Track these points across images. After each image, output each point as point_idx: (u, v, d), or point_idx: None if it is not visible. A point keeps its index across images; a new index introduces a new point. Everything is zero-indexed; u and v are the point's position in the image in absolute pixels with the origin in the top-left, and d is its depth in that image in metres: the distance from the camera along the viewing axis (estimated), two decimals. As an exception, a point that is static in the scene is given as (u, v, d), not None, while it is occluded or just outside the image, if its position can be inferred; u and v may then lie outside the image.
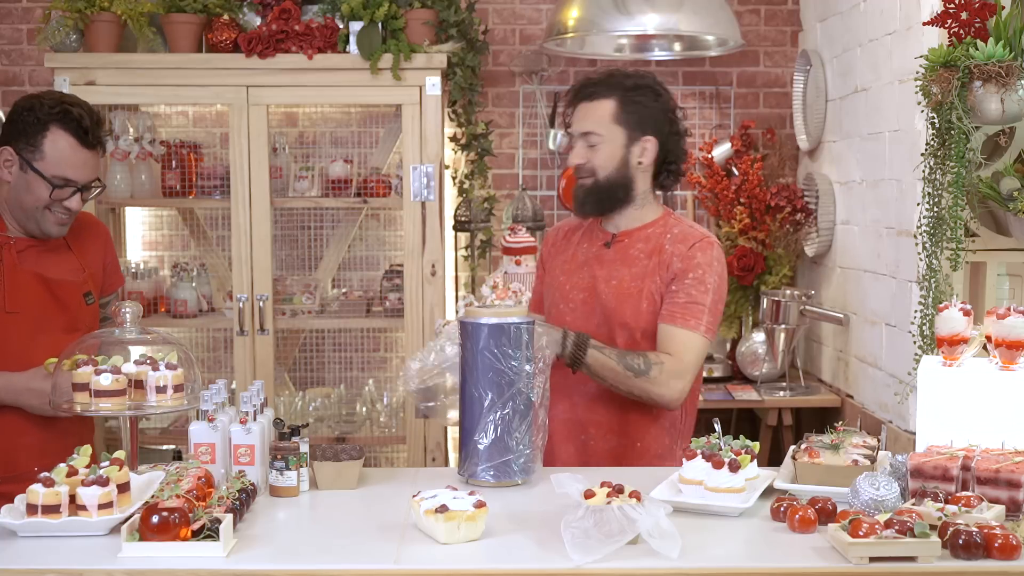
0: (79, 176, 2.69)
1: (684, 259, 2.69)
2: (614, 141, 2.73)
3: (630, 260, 2.75)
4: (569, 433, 2.75)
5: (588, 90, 2.76)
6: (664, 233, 2.77)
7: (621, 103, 2.73)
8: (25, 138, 2.67)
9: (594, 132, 2.73)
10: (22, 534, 2.03)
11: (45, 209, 2.67)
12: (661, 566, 1.90)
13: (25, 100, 2.72)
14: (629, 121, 2.73)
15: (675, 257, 2.71)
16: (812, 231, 4.34)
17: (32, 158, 2.66)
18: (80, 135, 2.67)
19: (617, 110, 2.72)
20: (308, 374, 4.50)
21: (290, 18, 3.99)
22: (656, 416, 2.73)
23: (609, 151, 2.73)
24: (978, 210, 3.17)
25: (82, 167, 2.69)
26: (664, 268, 2.71)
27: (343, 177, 4.21)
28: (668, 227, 2.79)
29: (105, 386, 2.31)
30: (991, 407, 2.29)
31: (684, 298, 2.66)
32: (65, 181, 2.67)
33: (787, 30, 4.71)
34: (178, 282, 4.24)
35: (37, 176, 2.65)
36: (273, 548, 2.02)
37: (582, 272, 2.79)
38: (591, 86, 2.77)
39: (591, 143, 2.73)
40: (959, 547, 1.90)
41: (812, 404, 4.18)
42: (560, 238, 2.92)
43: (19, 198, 2.68)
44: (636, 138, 2.74)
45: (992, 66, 2.84)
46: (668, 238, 2.75)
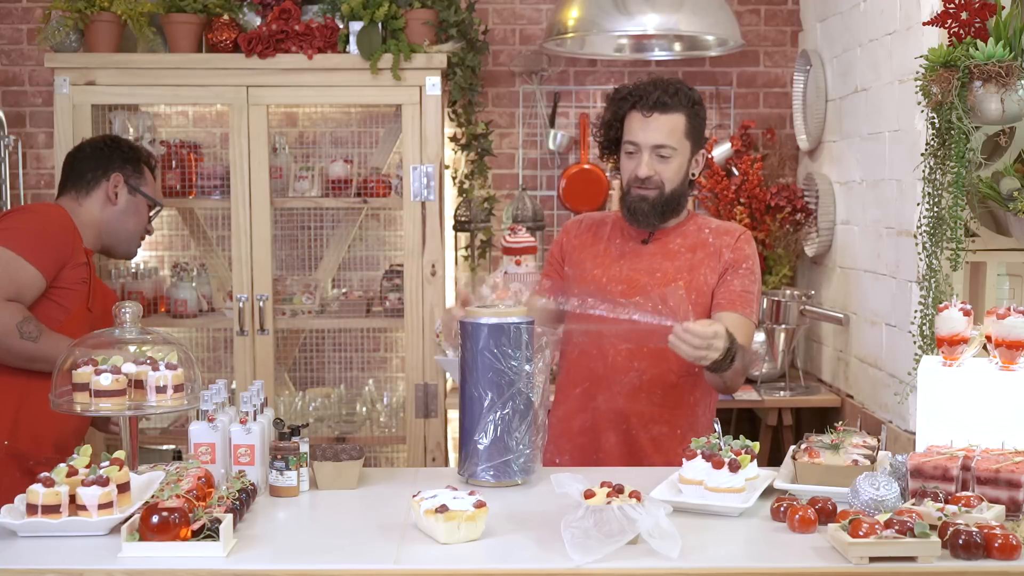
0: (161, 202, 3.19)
1: (734, 250, 2.80)
2: (684, 155, 2.79)
3: (671, 254, 2.81)
4: (611, 423, 2.78)
5: (663, 101, 2.75)
6: (700, 229, 2.85)
7: (689, 117, 2.79)
8: (131, 167, 3.07)
9: (668, 145, 2.76)
10: (22, 534, 2.04)
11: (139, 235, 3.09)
12: (661, 566, 1.90)
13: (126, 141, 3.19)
14: (695, 135, 2.81)
15: (724, 248, 2.80)
16: (812, 231, 4.33)
17: (139, 183, 3.07)
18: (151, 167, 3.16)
19: (687, 124, 2.78)
20: (308, 374, 4.50)
21: (290, 18, 3.99)
22: (694, 404, 2.81)
23: (679, 164, 2.78)
24: (978, 210, 3.17)
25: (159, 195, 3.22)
26: (715, 259, 2.79)
27: (343, 177, 4.20)
28: (701, 223, 2.87)
29: (105, 386, 2.31)
30: (991, 407, 2.29)
31: (739, 287, 2.76)
32: (159, 206, 3.15)
33: (787, 30, 4.71)
34: (178, 282, 4.24)
35: (144, 200, 3.08)
36: (273, 548, 2.03)
37: (619, 265, 2.82)
38: (665, 98, 2.76)
39: (663, 155, 2.76)
40: (959, 547, 1.90)
41: (812, 404, 4.18)
42: (585, 230, 2.92)
43: (120, 221, 3.05)
44: (696, 151, 2.83)
45: (992, 66, 2.84)
46: (708, 232, 2.84)
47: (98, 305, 2.93)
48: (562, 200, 4.66)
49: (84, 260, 2.91)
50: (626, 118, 2.80)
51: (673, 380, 2.78)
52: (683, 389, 2.79)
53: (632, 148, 2.77)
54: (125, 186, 3.04)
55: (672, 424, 2.78)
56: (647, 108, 2.75)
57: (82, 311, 2.89)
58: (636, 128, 2.76)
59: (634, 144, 2.77)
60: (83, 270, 2.89)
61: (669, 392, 2.77)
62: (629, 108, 2.78)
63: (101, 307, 2.93)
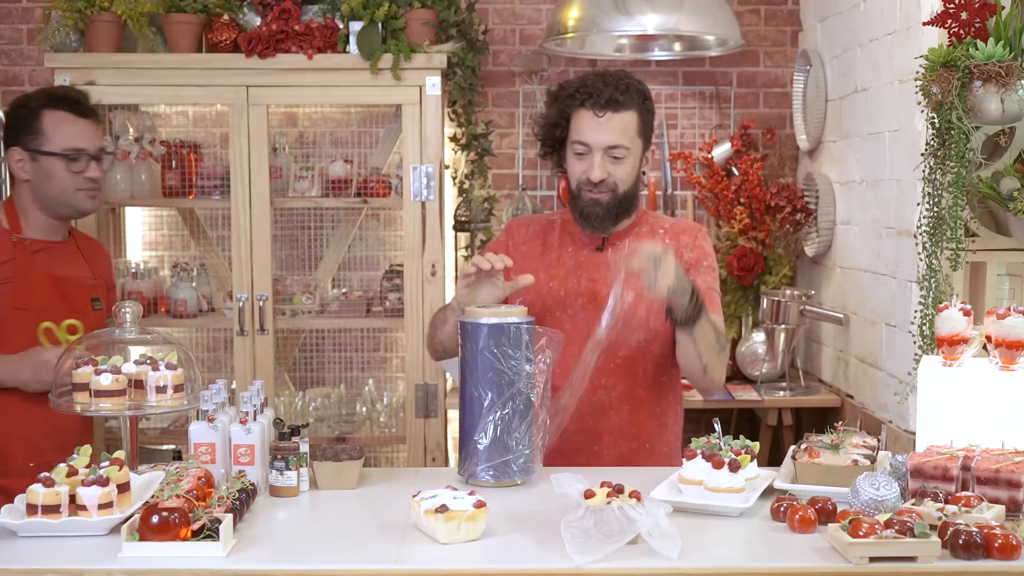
0: (87, 143, 2.83)
1: (693, 249, 2.70)
2: (636, 154, 2.64)
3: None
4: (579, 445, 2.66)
5: (614, 100, 2.58)
6: (654, 230, 2.73)
7: (641, 114, 2.63)
8: (25, 131, 2.81)
9: (622, 145, 2.60)
10: (22, 534, 2.03)
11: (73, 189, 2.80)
12: (661, 566, 1.90)
13: (13, 101, 2.90)
14: (646, 132, 2.66)
15: (684, 249, 2.69)
16: (812, 231, 4.34)
17: (38, 144, 2.80)
18: (72, 107, 2.83)
19: (639, 122, 2.62)
20: (308, 374, 4.50)
21: (290, 18, 3.99)
22: (661, 414, 2.72)
23: (632, 164, 2.63)
24: (978, 210, 3.17)
25: (86, 135, 2.84)
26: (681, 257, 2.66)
27: (343, 177, 4.20)
28: (654, 223, 2.76)
29: (105, 386, 2.31)
30: (991, 407, 2.29)
31: (703, 285, 2.62)
32: (76, 151, 2.80)
33: (787, 30, 4.71)
34: (178, 282, 4.24)
35: (49, 157, 2.79)
36: (273, 548, 2.02)
37: (576, 277, 2.69)
38: (617, 95, 2.59)
39: (616, 156, 2.60)
40: (959, 547, 1.90)
41: (812, 404, 4.18)
42: (533, 237, 2.77)
43: (43, 189, 2.82)
44: (647, 148, 2.69)
45: (992, 66, 2.84)
46: (663, 232, 2.73)
47: (36, 299, 2.77)
48: (562, 200, 4.65)
49: (8, 258, 2.76)
50: (573, 116, 2.61)
51: (641, 394, 2.68)
52: (650, 401, 2.69)
53: (582, 149, 2.60)
54: (27, 155, 2.81)
55: (640, 439, 2.69)
56: (599, 107, 2.57)
57: (10, 312, 2.74)
58: (586, 128, 2.58)
59: (584, 145, 2.59)
60: (5, 270, 2.74)
61: (637, 406, 2.67)
62: (578, 106, 2.60)
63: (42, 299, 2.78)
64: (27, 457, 2.71)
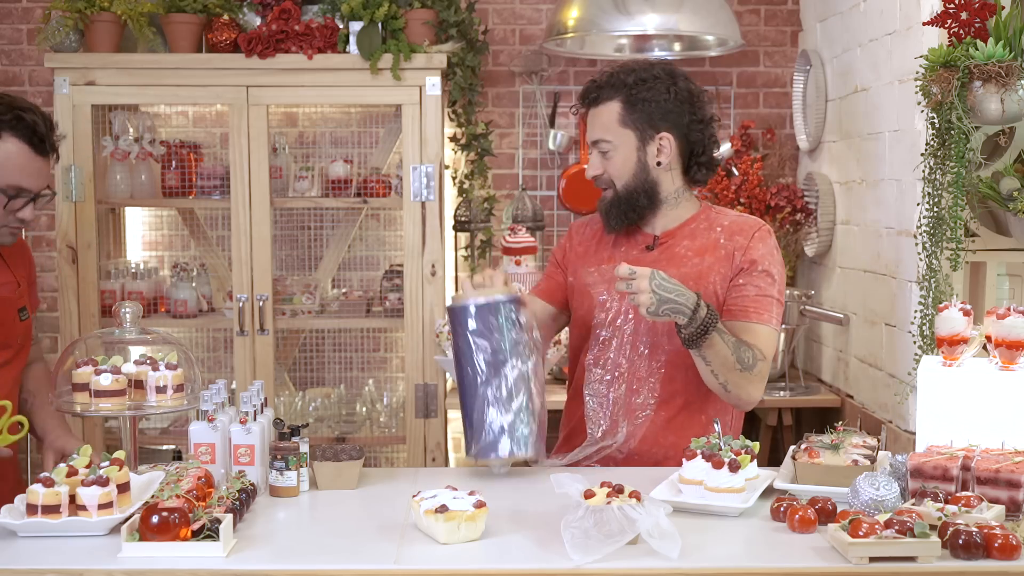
0: (32, 184, 2.57)
1: (746, 251, 2.55)
2: (626, 145, 2.57)
3: (678, 260, 2.59)
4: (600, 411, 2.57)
5: (592, 95, 2.60)
6: (711, 227, 2.61)
7: (626, 103, 2.55)
8: None
9: (603, 139, 2.57)
10: (22, 534, 2.03)
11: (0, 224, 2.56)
12: (661, 566, 1.90)
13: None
14: (638, 120, 2.55)
15: (736, 251, 2.55)
16: (812, 231, 4.34)
17: None
18: (35, 143, 2.55)
19: (623, 111, 2.56)
20: (308, 374, 4.50)
21: (290, 18, 3.99)
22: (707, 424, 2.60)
23: (623, 158, 2.57)
24: (978, 210, 3.17)
25: (36, 175, 2.57)
26: (726, 263, 2.55)
27: (343, 177, 4.20)
28: (713, 220, 2.62)
29: (105, 386, 2.31)
30: (991, 407, 2.29)
31: (754, 291, 2.52)
32: (18, 191, 2.55)
33: (787, 30, 4.71)
34: (178, 282, 4.23)
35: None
36: (273, 548, 2.02)
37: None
38: (594, 90, 2.60)
39: (603, 150, 2.58)
40: (959, 547, 1.90)
41: (812, 404, 4.18)
42: (590, 236, 2.73)
43: None
44: (650, 137, 2.56)
45: (992, 66, 2.84)
46: (720, 231, 2.60)
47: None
48: (562, 200, 4.65)
49: None
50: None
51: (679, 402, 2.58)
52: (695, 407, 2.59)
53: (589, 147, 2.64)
54: None
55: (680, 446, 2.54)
56: (583, 104, 2.60)
57: None
58: (587, 125, 2.63)
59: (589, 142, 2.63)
60: None
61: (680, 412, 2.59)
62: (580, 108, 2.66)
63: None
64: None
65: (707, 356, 2.43)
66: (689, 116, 2.58)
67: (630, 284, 2.34)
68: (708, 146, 2.61)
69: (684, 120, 2.58)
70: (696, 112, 2.59)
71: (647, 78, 2.56)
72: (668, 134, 2.57)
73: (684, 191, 2.64)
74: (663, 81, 2.57)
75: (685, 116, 2.58)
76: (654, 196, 2.60)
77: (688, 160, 2.62)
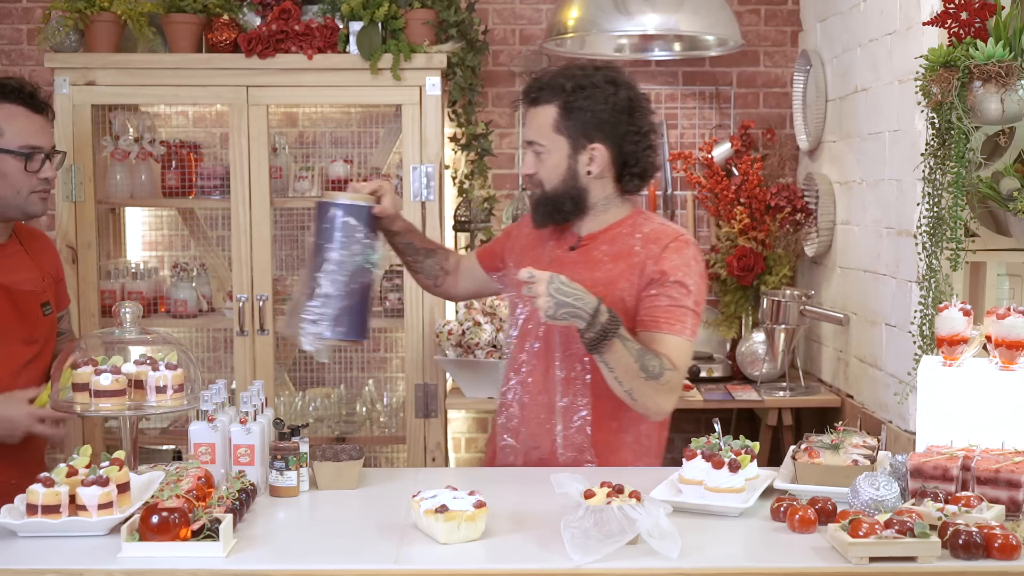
0: (42, 141, 2.68)
1: (658, 261, 2.52)
2: (558, 151, 2.54)
3: (593, 263, 2.58)
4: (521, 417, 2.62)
5: (532, 94, 2.57)
6: (632, 233, 2.59)
7: (562, 109, 2.52)
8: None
9: (537, 142, 2.56)
10: (22, 534, 2.04)
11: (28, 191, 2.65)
12: (661, 566, 1.90)
13: None
14: (572, 129, 2.52)
15: (648, 260, 2.53)
16: (812, 231, 4.34)
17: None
18: (27, 101, 2.66)
19: (559, 117, 2.52)
20: (308, 374, 4.50)
21: (290, 18, 3.99)
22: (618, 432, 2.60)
23: (554, 162, 2.55)
24: (978, 210, 3.17)
25: (41, 132, 2.69)
26: (636, 272, 2.53)
27: (343, 177, 4.20)
28: (636, 226, 2.60)
29: (105, 386, 2.31)
30: (991, 407, 2.30)
31: (666, 302, 2.49)
32: (32, 149, 2.65)
33: (787, 30, 4.71)
34: (178, 282, 4.24)
35: (4, 155, 2.63)
36: (273, 548, 2.03)
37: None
38: (535, 90, 2.57)
39: (536, 151, 2.57)
40: (959, 547, 1.90)
41: (812, 404, 4.18)
42: (530, 232, 2.74)
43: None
44: (582, 147, 2.54)
45: (992, 66, 2.84)
46: (638, 238, 2.58)
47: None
48: (562, 200, 4.66)
49: None
50: None
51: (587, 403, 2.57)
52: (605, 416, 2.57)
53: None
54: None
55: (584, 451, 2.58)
56: (524, 101, 2.60)
57: None
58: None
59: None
60: None
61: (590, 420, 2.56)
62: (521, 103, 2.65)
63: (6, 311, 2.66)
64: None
65: (609, 362, 2.40)
66: (626, 127, 2.55)
67: (530, 288, 2.35)
68: (643, 157, 2.59)
69: (620, 131, 2.55)
70: (634, 123, 2.56)
71: (586, 86, 2.53)
72: (601, 145, 2.55)
73: (615, 197, 2.63)
74: (603, 90, 2.53)
75: (622, 127, 2.55)
76: (581, 203, 2.59)
77: (621, 170, 2.59)
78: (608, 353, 2.38)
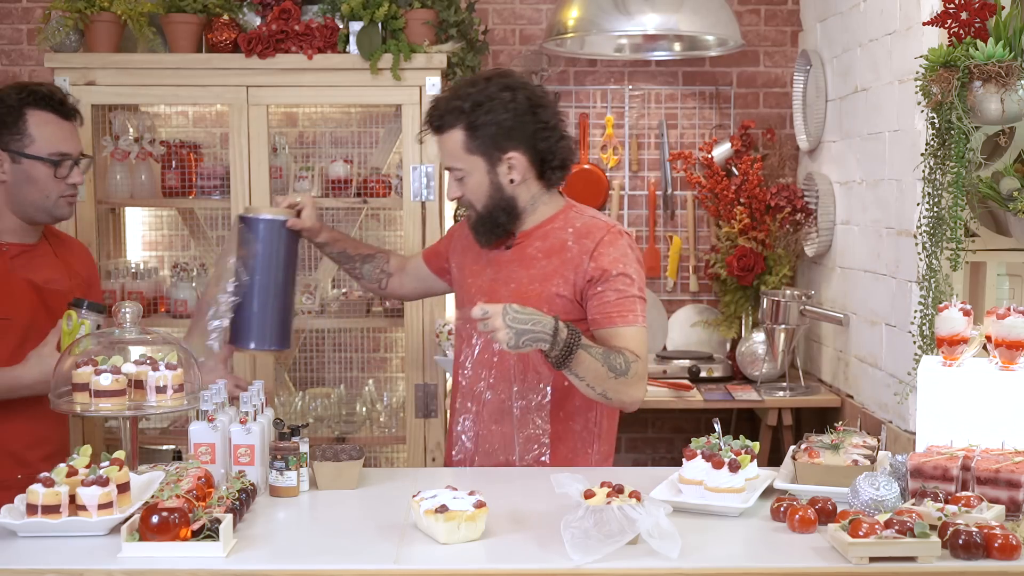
0: (71, 148, 2.75)
1: (595, 257, 2.54)
2: (477, 170, 2.56)
3: (527, 261, 2.61)
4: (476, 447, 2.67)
5: (435, 123, 2.58)
6: (564, 228, 2.61)
7: (468, 129, 2.53)
8: (7, 130, 2.69)
9: (454, 167, 2.58)
10: (22, 534, 2.03)
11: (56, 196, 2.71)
12: (661, 566, 1.90)
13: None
14: (483, 146, 2.54)
15: (583, 256, 2.55)
16: (812, 231, 4.34)
17: (22, 146, 2.69)
18: (57, 108, 2.73)
19: (467, 138, 2.54)
20: (308, 374, 4.50)
21: (290, 18, 3.99)
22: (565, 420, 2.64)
23: (476, 181, 2.57)
24: (978, 210, 3.17)
25: (69, 138, 2.76)
26: (571, 268, 2.56)
27: (343, 177, 4.20)
28: (568, 221, 2.62)
29: (105, 386, 2.31)
30: (991, 407, 2.30)
31: (614, 296, 2.51)
32: (62, 155, 2.72)
33: (787, 30, 4.71)
34: (178, 282, 4.23)
35: (35, 161, 2.69)
36: (273, 548, 2.03)
37: (484, 274, 2.68)
38: (436, 118, 2.58)
39: (457, 177, 2.59)
40: (959, 547, 1.90)
41: (812, 404, 4.18)
42: (468, 233, 2.74)
43: (22, 192, 2.71)
44: (498, 159, 2.55)
45: (992, 66, 2.84)
46: (570, 232, 2.60)
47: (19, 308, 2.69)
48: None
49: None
50: None
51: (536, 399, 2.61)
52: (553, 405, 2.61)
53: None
54: (6, 155, 2.69)
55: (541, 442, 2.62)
56: (429, 130, 2.61)
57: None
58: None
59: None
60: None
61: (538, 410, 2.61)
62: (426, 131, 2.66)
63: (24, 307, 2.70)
64: (11, 468, 2.65)
65: (579, 373, 2.43)
66: (533, 126, 2.56)
67: (486, 324, 2.37)
68: (558, 150, 2.60)
69: (529, 132, 2.56)
70: (540, 120, 2.57)
71: (483, 100, 2.53)
72: (515, 152, 2.56)
73: (542, 195, 2.64)
74: (500, 99, 2.53)
75: (529, 128, 2.56)
76: (513, 211, 2.61)
77: (541, 168, 2.61)
78: (576, 365, 2.41)
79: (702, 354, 4.55)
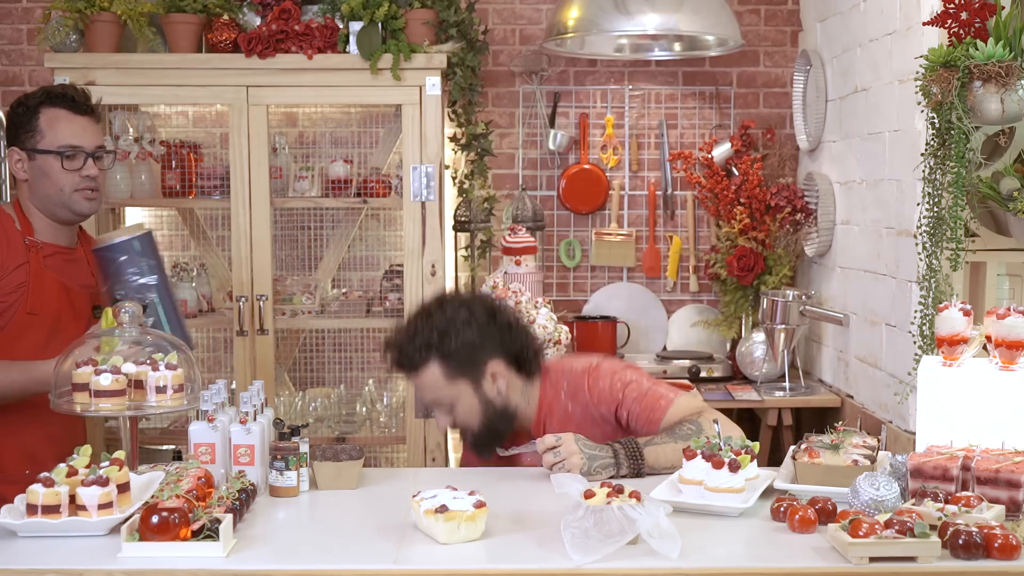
0: (83, 141, 2.77)
1: (595, 395, 2.64)
2: (464, 394, 2.56)
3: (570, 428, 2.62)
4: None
5: (407, 365, 2.56)
6: (557, 396, 2.68)
7: (442, 360, 2.53)
8: (22, 129, 2.77)
9: (440, 401, 2.57)
10: (22, 534, 2.04)
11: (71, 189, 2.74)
12: (661, 566, 1.90)
13: (14, 101, 2.85)
14: (463, 369, 2.54)
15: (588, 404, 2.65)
16: (812, 231, 4.34)
17: (35, 142, 2.75)
18: (70, 104, 2.78)
19: (445, 369, 2.53)
20: (308, 374, 4.50)
21: (290, 18, 3.99)
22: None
23: (466, 405, 2.57)
24: (978, 210, 3.17)
25: (83, 132, 2.78)
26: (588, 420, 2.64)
27: (343, 177, 4.20)
28: (556, 387, 2.69)
29: (105, 386, 2.31)
30: (991, 407, 2.30)
31: (638, 406, 2.61)
32: (71, 148, 2.75)
33: (787, 30, 4.71)
34: (178, 282, 4.23)
35: (45, 155, 2.75)
36: (273, 548, 2.03)
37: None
38: (407, 360, 2.55)
39: (445, 409, 2.59)
40: (959, 547, 1.90)
41: (812, 404, 4.18)
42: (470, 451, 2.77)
43: (40, 189, 2.77)
44: (480, 374, 2.56)
45: (992, 66, 2.84)
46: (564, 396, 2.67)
47: (48, 304, 2.75)
48: (562, 200, 4.66)
49: (22, 261, 2.72)
50: None
51: None
52: None
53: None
54: (24, 154, 2.77)
55: None
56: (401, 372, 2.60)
57: (22, 317, 2.71)
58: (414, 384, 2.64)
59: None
60: (20, 274, 2.71)
61: None
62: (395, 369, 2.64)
63: (53, 305, 2.76)
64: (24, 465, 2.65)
65: (661, 464, 2.50)
66: (499, 332, 2.59)
67: (558, 452, 2.43)
68: (528, 343, 2.65)
69: (497, 339, 2.58)
70: (501, 323, 2.61)
71: (446, 327, 2.53)
72: (492, 360, 2.58)
73: (527, 386, 2.68)
74: (460, 319, 2.55)
75: (495, 335, 2.58)
76: (508, 416, 2.63)
77: (519, 365, 2.64)
78: (653, 462, 2.49)
79: (702, 354, 4.55)
